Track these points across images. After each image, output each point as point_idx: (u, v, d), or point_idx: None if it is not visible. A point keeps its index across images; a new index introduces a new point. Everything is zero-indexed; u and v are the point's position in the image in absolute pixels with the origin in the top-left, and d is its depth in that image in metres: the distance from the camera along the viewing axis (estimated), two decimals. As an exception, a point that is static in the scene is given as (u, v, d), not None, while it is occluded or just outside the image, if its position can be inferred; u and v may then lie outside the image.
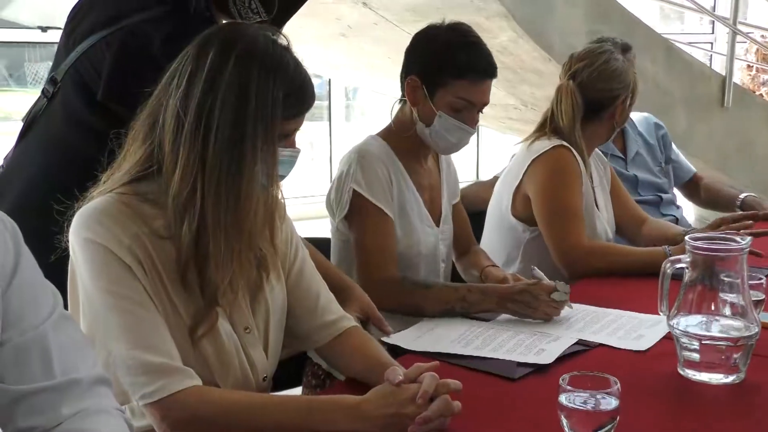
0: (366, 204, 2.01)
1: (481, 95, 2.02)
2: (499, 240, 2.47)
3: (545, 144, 2.40)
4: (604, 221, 2.51)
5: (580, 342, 1.72)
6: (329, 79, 8.46)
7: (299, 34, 1.50)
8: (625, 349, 1.69)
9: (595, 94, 2.43)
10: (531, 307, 1.86)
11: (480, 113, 2.06)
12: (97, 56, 1.73)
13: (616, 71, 2.43)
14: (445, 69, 1.99)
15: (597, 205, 2.52)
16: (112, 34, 1.72)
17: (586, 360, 1.64)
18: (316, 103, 1.44)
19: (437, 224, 2.18)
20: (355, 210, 2.03)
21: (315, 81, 1.44)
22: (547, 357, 1.62)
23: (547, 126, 2.46)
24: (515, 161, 2.48)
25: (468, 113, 2.03)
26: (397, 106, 2.13)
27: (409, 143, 2.10)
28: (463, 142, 2.07)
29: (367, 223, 2.02)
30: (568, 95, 2.42)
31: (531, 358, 1.61)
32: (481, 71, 2.00)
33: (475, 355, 1.64)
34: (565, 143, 2.39)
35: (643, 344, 1.71)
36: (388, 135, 2.12)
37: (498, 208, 2.51)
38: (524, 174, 2.40)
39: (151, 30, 1.69)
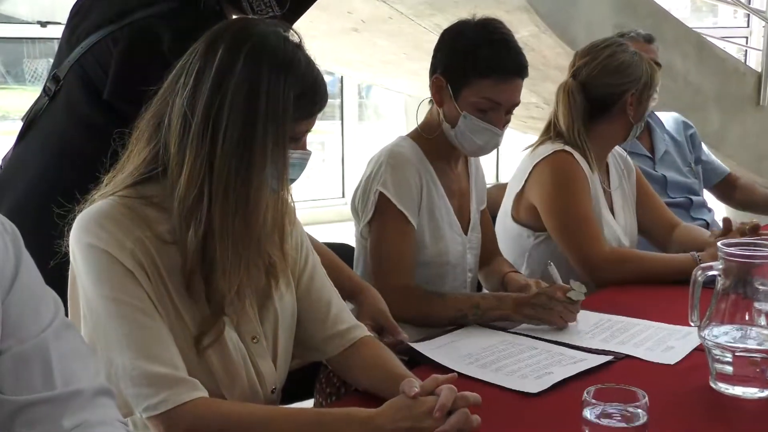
0: (390, 208, 2.01)
1: (508, 95, 2.00)
2: (506, 247, 2.46)
3: (547, 149, 2.39)
4: (616, 228, 2.48)
5: (606, 354, 1.71)
6: (341, 77, 8.47)
7: (309, 29, 1.51)
8: (653, 362, 1.69)
9: (598, 90, 2.41)
10: (547, 308, 1.86)
11: (509, 114, 2.05)
12: (103, 53, 1.75)
13: (622, 65, 2.40)
14: (470, 67, 1.98)
15: (613, 211, 2.50)
16: (119, 30, 1.74)
17: (612, 372, 1.64)
18: (329, 101, 1.45)
19: (465, 232, 2.18)
20: (378, 212, 2.03)
21: (326, 78, 1.44)
22: (572, 370, 1.61)
23: (551, 130, 2.45)
24: (519, 167, 2.48)
25: (494, 114, 2.01)
26: (426, 107, 2.13)
27: (439, 146, 2.09)
28: (490, 144, 2.05)
29: (388, 227, 2.02)
30: (566, 94, 2.41)
31: (556, 370, 1.61)
32: (507, 70, 1.98)
33: (492, 382, 1.59)
34: (566, 147, 2.38)
35: (673, 357, 1.71)
36: (417, 137, 2.12)
37: (504, 215, 2.52)
38: (526, 181, 2.40)
39: (159, 26, 1.70)
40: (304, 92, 1.36)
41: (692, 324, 1.64)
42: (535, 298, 1.89)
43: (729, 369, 1.49)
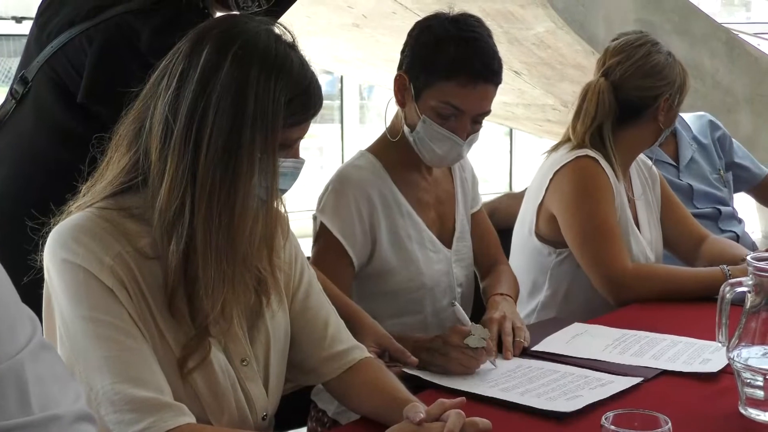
0: (327, 234, 1.98)
1: (472, 102, 1.92)
2: (524, 265, 2.45)
3: (569, 154, 2.38)
4: (642, 242, 2.47)
5: (642, 369, 1.74)
6: (341, 76, 8.48)
7: (306, 25, 1.53)
8: (688, 377, 1.71)
9: (631, 93, 2.40)
10: (442, 354, 1.76)
11: (478, 124, 1.98)
12: (76, 52, 1.76)
13: (657, 66, 2.40)
14: (432, 67, 1.92)
15: (638, 223, 2.50)
16: (93, 27, 1.75)
17: (637, 394, 1.64)
18: (327, 103, 1.46)
19: (450, 245, 2.13)
20: (319, 237, 2.01)
21: (325, 78, 1.46)
22: (601, 393, 1.62)
23: (571, 132, 2.44)
24: (537, 175, 2.47)
25: (458, 122, 1.93)
26: (393, 108, 2.08)
27: (404, 153, 2.03)
28: (452, 154, 1.98)
29: (324, 255, 1.98)
30: (596, 95, 2.39)
31: (585, 393, 1.62)
32: (473, 73, 1.89)
33: (516, 402, 1.60)
34: (591, 152, 2.36)
35: (713, 366, 1.74)
36: (380, 146, 2.08)
37: (522, 229, 2.49)
38: (546, 189, 2.38)
39: (137, 22, 1.72)
40: (297, 96, 1.37)
41: (720, 344, 1.64)
42: (431, 343, 1.81)
43: (760, 394, 1.49)
